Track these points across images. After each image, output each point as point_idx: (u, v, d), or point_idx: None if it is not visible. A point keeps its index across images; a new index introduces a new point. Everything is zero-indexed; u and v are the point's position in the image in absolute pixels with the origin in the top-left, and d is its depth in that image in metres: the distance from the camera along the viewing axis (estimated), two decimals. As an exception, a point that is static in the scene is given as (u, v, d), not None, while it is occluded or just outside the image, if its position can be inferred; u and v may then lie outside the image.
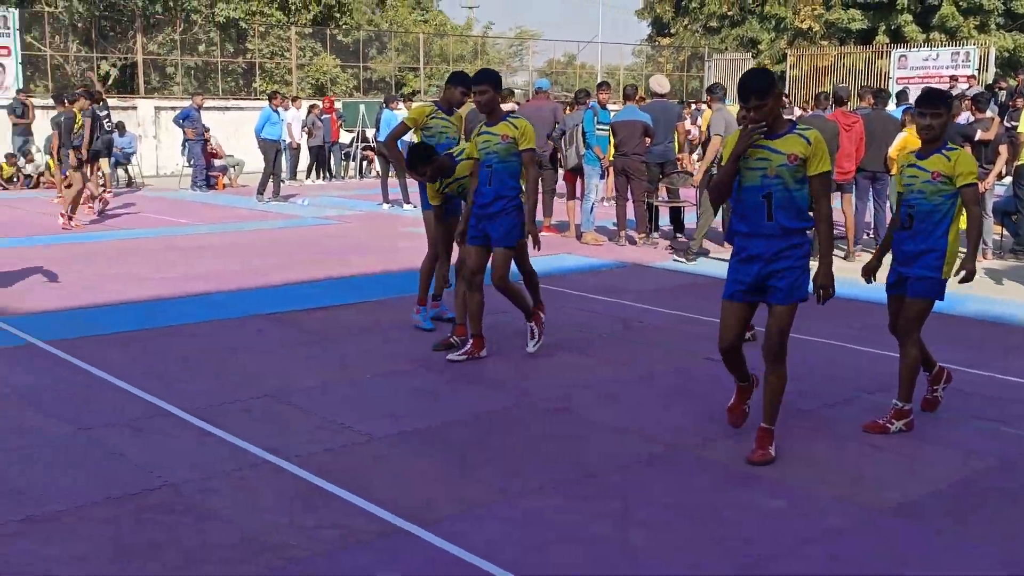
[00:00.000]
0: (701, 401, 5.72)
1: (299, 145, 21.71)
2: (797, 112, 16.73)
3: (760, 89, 4.53)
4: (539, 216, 13.14)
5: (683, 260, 10.73)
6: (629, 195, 12.05)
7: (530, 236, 6.66)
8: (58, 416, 5.42)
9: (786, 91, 30.03)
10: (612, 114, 12.37)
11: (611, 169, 12.56)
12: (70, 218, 13.36)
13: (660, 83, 12.49)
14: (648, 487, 4.50)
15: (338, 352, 6.93)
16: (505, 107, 13.91)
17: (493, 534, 3.98)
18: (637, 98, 12.81)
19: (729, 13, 38.45)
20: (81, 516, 4.11)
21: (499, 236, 6.51)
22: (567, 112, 13.06)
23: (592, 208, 12.36)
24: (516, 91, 29.09)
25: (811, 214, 4.74)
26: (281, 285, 9.34)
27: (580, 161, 12.24)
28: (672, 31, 41.45)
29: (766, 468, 4.69)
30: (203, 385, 6.04)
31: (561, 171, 12.90)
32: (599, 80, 22.36)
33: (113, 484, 4.45)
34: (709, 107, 10.92)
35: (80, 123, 13.70)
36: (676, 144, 13.12)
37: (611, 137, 12.07)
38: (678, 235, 12.57)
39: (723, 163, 4.83)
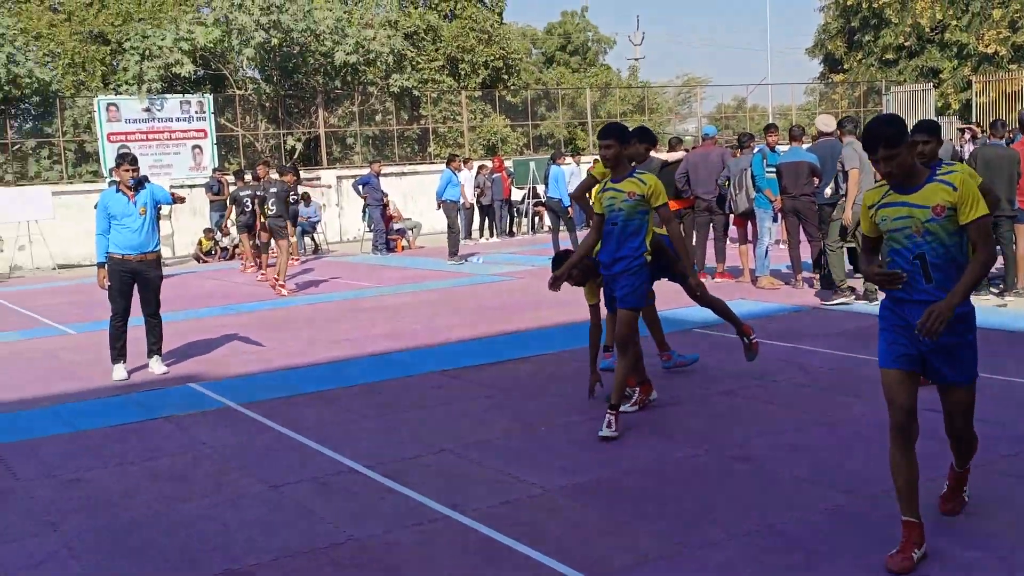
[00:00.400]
0: (884, 448, 5.46)
1: (472, 205, 22.34)
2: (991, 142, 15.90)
3: (890, 137, 3.95)
4: (712, 262, 13.03)
5: (846, 300, 10.37)
6: (802, 237, 11.77)
7: (696, 291, 6.71)
8: (252, 474, 5.73)
9: (975, 119, 28.65)
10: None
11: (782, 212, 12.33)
12: (283, 285, 14.33)
13: (826, 122, 12.20)
14: (832, 539, 4.34)
15: (512, 406, 7.04)
16: (674, 155, 14.02)
17: (670, 587, 3.93)
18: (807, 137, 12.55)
19: (906, 44, 37.05)
20: (275, 570, 4.33)
21: (620, 296, 6.30)
22: (734, 156, 12.92)
23: (766, 252, 12.13)
24: (686, 138, 28.96)
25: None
26: (457, 342, 9.58)
27: (751, 205, 12.07)
28: (845, 67, 40.29)
29: (959, 516, 4.46)
30: (384, 441, 6.26)
31: (732, 216, 12.75)
32: (768, 122, 22.01)
33: (303, 538, 4.66)
34: (841, 141, 10.58)
35: (290, 196, 14.89)
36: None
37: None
38: (856, 275, 12.12)
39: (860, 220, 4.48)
